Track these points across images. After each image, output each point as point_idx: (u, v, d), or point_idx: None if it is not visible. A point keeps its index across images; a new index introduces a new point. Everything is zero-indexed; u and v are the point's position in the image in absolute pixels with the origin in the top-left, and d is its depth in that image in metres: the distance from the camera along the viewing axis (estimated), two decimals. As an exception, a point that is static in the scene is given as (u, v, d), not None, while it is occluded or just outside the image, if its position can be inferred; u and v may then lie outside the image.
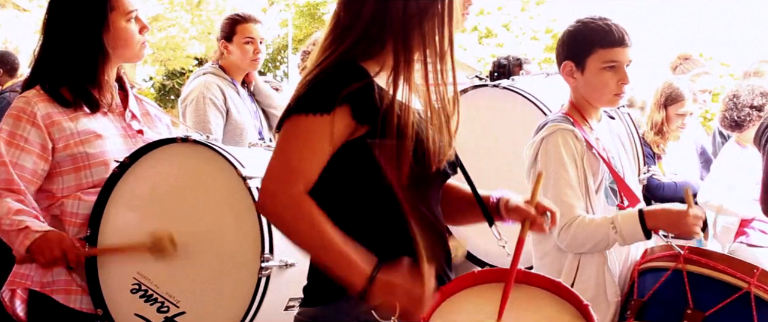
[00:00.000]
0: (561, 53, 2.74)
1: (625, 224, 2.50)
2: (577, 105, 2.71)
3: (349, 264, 1.75)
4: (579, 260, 2.60)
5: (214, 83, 3.98)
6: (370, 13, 1.86)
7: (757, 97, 4.38)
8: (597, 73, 2.64)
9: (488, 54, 18.26)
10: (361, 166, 1.83)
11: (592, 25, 2.66)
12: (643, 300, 2.50)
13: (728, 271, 2.42)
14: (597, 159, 2.62)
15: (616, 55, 2.63)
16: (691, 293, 2.42)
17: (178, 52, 17.78)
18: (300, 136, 1.80)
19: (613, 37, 2.63)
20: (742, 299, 2.39)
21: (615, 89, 2.65)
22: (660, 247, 2.61)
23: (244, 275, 2.42)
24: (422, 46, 1.86)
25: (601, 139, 2.71)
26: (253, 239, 2.40)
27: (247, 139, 3.91)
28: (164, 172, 2.60)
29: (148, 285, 2.54)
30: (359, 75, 1.82)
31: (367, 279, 1.73)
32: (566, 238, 2.56)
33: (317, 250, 1.78)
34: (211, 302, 2.48)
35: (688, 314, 2.39)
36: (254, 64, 4.12)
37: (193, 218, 2.54)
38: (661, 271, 2.52)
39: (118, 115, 2.70)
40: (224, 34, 4.11)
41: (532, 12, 19.77)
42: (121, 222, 2.60)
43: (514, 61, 4.78)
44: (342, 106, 1.79)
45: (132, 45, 2.67)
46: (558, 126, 2.62)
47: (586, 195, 2.60)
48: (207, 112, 3.89)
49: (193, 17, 17.91)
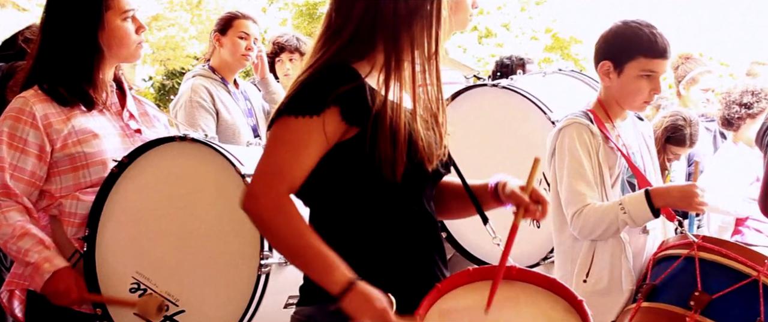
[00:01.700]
0: (601, 51, 2.76)
1: (633, 205, 2.55)
2: (604, 103, 2.75)
3: (326, 267, 1.77)
4: (594, 249, 2.65)
5: (201, 86, 3.97)
6: (360, 14, 1.87)
7: (746, 94, 4.40)
8: (634, 80, 2.67)
9: (488, 54, 18.26)
10: (353, 167, 1.84)
11: (639, 31, 2.68)
12: (654, 284, 2.55)
13: (740, 259, 2.47)
14: (614, 153, 2.67)
15: (655, 66, 2.66)
16: (701, 278, 2.47)
17: (177, 52, 17.77)
18: (287, 138, 1.82)
19: (657, 47, 2.65)
20: (750, 286, 2.43)
21: (646, 97, 2.70)
22: (676, 237, 2.67)
23: (243, 273, 2.43)
24: (411, 47, 1.86)
25: (623, 137, 2.75)
26: (252, 237, 2.40)
27: (242, 138, 3.91)
28: (163, 170, 2.60)
29: (148, 284, 2.54)
30: (350, 76, 1.83)
31: (345, 285, 1.75)
32: (578, 224, 2.61)
33: (295, 252, 1.81)
34: (210, 300, 2.48)
35: (695, 296, 2.43)
36: (244, 60, 4.11)
37: (192, 216, 2.54)
38: (674, 258, 2.57)
39: (115, 115, 2.70)
40: (219, 27, 4.12)
41: (531, 12, 19.76)
42: (120, 222, 2.60)
43: (517, 61, 4.79)
44: (331, 108, 1.80)
45: (127, 44, 2.66)
46: (575, 120, 2.67)
47: (602, 187, 2.64)
48: (196, 115, 3.89)
49: (192, 17, 17.91)
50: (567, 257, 2.69)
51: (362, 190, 1.86)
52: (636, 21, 2.71)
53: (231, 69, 4.14)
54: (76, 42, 2.59)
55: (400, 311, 1.79)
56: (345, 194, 1.88)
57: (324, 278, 1.78)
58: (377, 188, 1.84)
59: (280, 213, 1.78)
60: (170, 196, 2.58)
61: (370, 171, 1.82)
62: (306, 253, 1.79)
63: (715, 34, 13.49)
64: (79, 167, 2.60)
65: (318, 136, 1.80)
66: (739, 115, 4.39)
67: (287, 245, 1.81)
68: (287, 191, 1.80)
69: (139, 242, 2.59)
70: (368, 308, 1.75)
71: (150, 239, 2.58)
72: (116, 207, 2.60)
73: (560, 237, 2.74)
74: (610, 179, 2.66)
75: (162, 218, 2.57)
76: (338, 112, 1.80)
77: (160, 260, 2.55)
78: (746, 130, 4.40)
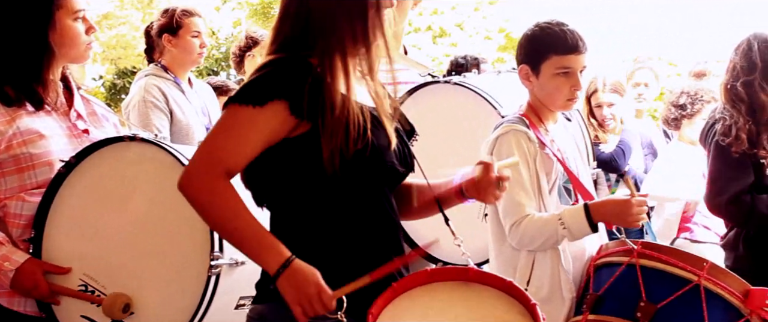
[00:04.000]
0: (518, 56, 2.79)
1: (572, 219, 2.55)
2: (534, 107, 2.77)
3: (263, 247, 1.80)
4: (533, 258, 2.65)
5: (154, 85, 3.91)
6: (306, 7, 1.89)
7: (683, 96, 4.57)
8: (551, 79, 2.69)
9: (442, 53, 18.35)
10: (308, 164, 1.83)
11: (548, 31, 2.70)
12: (599, 294, 2.56)
13: (679, 264, 2.49)
14: (551, 159, 2.67)
15: (569, 62, 2.68)
16: (645, 287, 2.49)
17: (128, 51, 17.53)
18: (228, 123, 1.86)
19: (567, 43, 2.67)
20: (692, 291, 2.46)
21: (568, 95, 2.71)
22: (614, 242, 2.67)
23: (193, 274, 2.40)
24: (355, 41, 1.88)
25: (557, 141, 2.76)
26: (203, 237, 2.37)
27: (196, 138, 3.86)
28: (112, 171, 2.56)
29: (95, 286, 2.50)
30: (302, 70, 1.83)
31: (281, 264, 1.77)
32: (516, 235, 2.60)
33: (230, 232, 1.84)
34: (160, 302, 2.45)
35: (641, 306, 2.45)
36: (199, 58, 4.07)
37: (141, 216, 2.50)
38: (615, 266, 2.58)
39: (62, 115, 2.66)
40: (169, 28, 4.04)
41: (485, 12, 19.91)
42: (67, 223, 2.55)
43: (471, 60, 4.85)
44: (276, 101, 1.81)
45: (77, 45, 2.63)
46: (512, 127, 2.66)
47: (539, 195, 2.64)
48: (149, 115, 3.83)
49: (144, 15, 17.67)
50: (508, 265, 2.68)
51: (317, 188, 1.85)
52: (547, 22, 2.74)
53: (184, 68, 4.09)
54: (26, 41, 2.55)
55: (353, 312, 1.78)
56: (300, 192, 1.88)
57: (260, 257, 1.82)
58: (332, 185, 1.84)
59: (215, 194, 1.82)
60: (119, 196, 2.54)
61: (323, 168, 1.81)
62: (242, 233, 1.81)
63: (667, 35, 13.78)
64: (24, 167, 2.54)
65: (262, 126, 1.82)
66: (677, 116, 4.57)
67: (223, 225, 1.85)
68: (223, 173, 1.83)
69: (87, 243, 2.54)
70: (303, 286, 1.77)
71: (98, 240, 2.53)
72: (63, 208, 2.55)
73: (500, 246, 2.73)
74: (547, 186, 2.67)
75: (110, 219, 2.53)
76: (286, 106, 1.81)
77: (108, 262, 2.50)
78: (685, 129, 4.57)
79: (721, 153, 3.30)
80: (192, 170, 1.87)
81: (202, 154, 1.87)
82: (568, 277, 2.64)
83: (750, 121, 3.31)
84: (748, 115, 3.31)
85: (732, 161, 3.24)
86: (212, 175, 1.83)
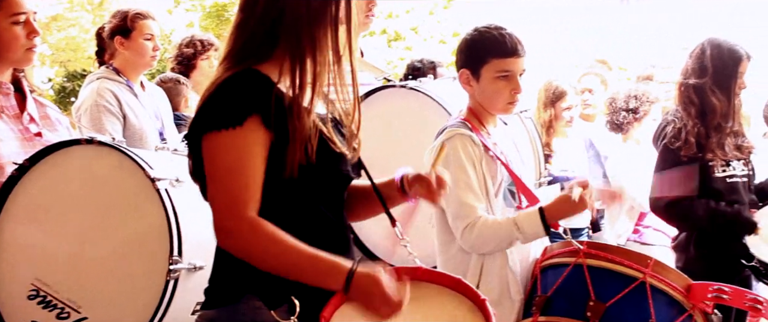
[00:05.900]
0: (458, 61, 2.81)
1: (527, 223, 2.58)
2: (474, 111, 2.78)
3: (320, 272, 1.77)
4: (483, 261, 2.67)
5: (106, 89, 3.84)
6: (261, 13, 1.85)
7: (631, 99, 4.66)
8: (491, 82, 2.71)
9: (397, 57, 18.39)
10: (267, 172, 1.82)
11: (487, 35, 2.72)
12: (547, 295, 2.60)
13: (625, 263, 2.54)
14: (495, 162, 2.70)
15: (508, 65, 2.70)
16: (593, 286, 2.53)
17: (78, 53, 17.20)
18: (226, 159, 1.78)
19: (506, 47, 2.70)
20: (639, 288, 2.51)
21: (508, 98, 2.72)
22: (560, 244, 2.71)
23: (151, 279, 2.38)
24: (313, 50, 1.85)
25: (499, 144, 2.78)
26: (162, 242, 2.36)
27: (149, 142, 3.80)
28: (67, 174, 2.53)
29: (48, 291, 2.47)
30: (262, 83, 1.82)
31: (347, 276, 1.75)
32: (470, 239, 2.62)
33: (289, 268, 1.78)
34: (115, 307, 2.43)
35: (590, 306, 2.49)
36: (152, 61, 4.03)
37: (97, 221, 2.48)
38: (562, 266, 2.62)
39: (14, 118, 2.62)
40: (121, 30, 3.98)
41: (439, 16, 20.03)
42: (19, 227, 2.52)
43: (428, 64, 4.84)
44: (252, 116, 1.78)
45: (15, 49, 2.58)
46: (456, 131, 2.68)
47: (486, 198, 2.66)
48: (102, 119, 3.76)
49: (94, 17, 17.36)
50: (457, 269, 2.68)
51: (271, 193, 1.85)
52: (485, 26, 2.76)
53: (136, 71, 4.03)
54: None
55: (304, 316, 1.79)
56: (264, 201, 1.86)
57: (325, 281, 1.77)
58: (286, 190, 1.84)
59: (259, 238, 1.76)
60: (74, 200, 2.52)
61: (279, 174, 1.81)
62: (299, 265, 1.77)
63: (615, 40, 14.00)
64: (-26, 171, 2.50)
65: (251, 145, 1.77)
66: (627, 120, 4.66)
67: (279, 264, 1.78)
68: (254, 212, 1.77)
69: (39, 247, 2.51)
70: (376, 289, 1.75)
71: (51, 244, 2.50)
72: (15, 212, 2.52)
73: (448, 250, 2.74)
74: (493, 188, 2.69)
75: (65, 222, 2.50)
76: (260, 120, 1.78)
77: (61, 266, 2.47)
78: (633, 131, 4.68)
79: (669, 156, 3.39)
80: (227, 227, 1.77)
81: (225, 204, 1.77)
82: (516, 278, 2.68)
83: (699, 124, 3.40)
84: (698, 118, 3.41)
85: (678, 164, 3.33)
86: (247, 219, 1.75)
